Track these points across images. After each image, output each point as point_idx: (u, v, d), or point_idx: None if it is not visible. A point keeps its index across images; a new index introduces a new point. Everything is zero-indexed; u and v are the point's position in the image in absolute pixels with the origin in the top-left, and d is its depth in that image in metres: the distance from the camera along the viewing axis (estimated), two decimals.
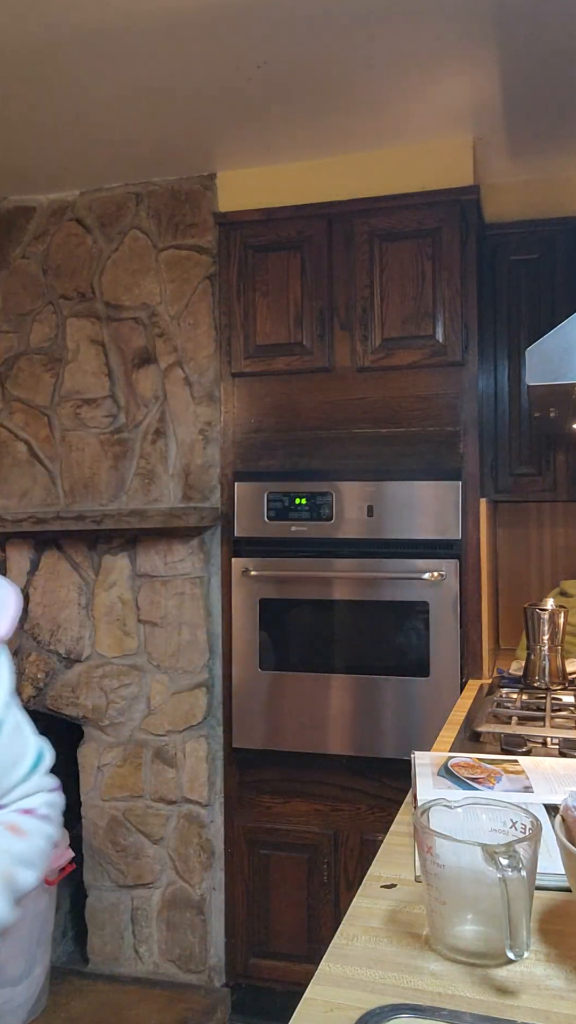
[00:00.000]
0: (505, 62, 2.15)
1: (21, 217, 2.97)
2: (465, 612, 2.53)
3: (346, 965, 0.93)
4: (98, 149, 2.63)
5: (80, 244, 2.90)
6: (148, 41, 2.04)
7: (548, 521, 2.99)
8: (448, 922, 0.93)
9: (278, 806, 2.66)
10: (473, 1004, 0.85)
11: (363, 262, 2.62)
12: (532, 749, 1.68)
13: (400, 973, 0.91)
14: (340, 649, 2.62)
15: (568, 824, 0.94)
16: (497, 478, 2.68)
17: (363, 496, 2.59)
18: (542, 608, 2.17)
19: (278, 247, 2.69)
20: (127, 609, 2.79)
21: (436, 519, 2.54)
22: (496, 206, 2.83)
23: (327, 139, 2.57)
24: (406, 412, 2.60)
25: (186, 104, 2.36)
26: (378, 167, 2.63)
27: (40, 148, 2.62)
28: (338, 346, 2.65)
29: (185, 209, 2.81)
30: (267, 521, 2.67)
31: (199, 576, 2.74)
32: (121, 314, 2.85)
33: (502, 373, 2.69)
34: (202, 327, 2.79)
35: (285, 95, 2.31)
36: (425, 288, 2.57)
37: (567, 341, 1.52)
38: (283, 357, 2.68)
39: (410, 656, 2.54)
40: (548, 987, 0.88)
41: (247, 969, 2.68)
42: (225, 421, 2.76)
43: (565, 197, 2.77)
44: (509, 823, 0.97)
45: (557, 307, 2.61)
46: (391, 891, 1.10)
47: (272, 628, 2.67)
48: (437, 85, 2.27)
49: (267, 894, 2.66)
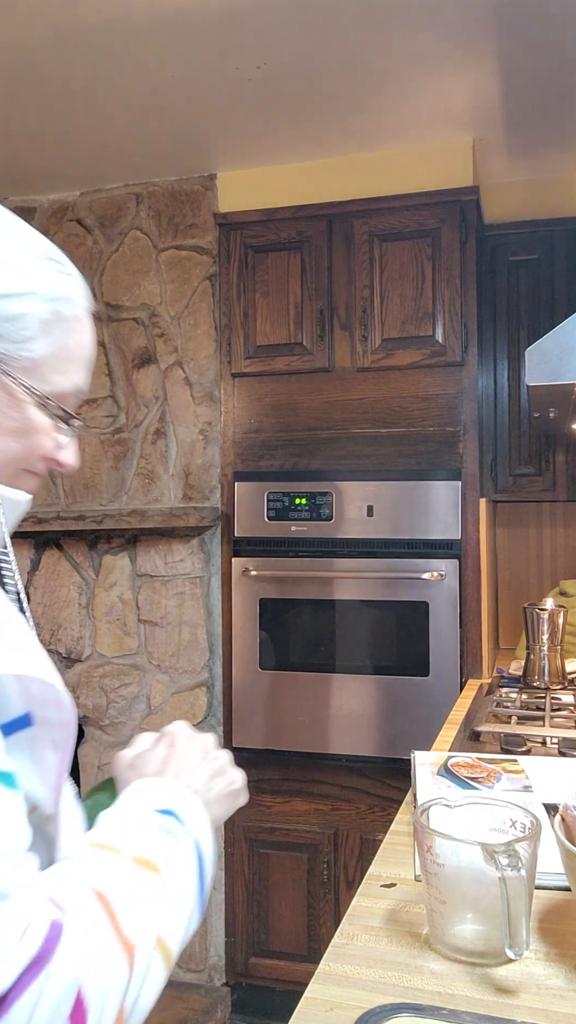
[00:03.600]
0: (505, 62, 2.16)
1: (21, 217, 2.97)
2: (465, 612, 2.53)
3: (346, 964, 0.93)
4: (98, 149, 2.63)
5: (80, 244, 2.90)
6: (148, 41, 2.04)
7: (548, 521, 2.99)
8: (448, 921, 0.93)
9: (278, 805, 2.66)
10: (473, 1003, 0.85)
11: (363, 262, 2.62)
12: (532, 749, 1.69)
13: (400, 972, 0.91)
14: (340, 649, 2.62)
15: (568, 824, 0.95)
16: (497, 478, 2.69)
17: (363, 496, 2.59)
18: (542, 608, 2.17)
19: (278, 247, 2.70)
20: (127, 609, 2.80)
21: (436, 519, 2.54)
22: (496, 206, 2.83)
23: (327, 139, 2.57)
24: (406, 412, 2.60)
25: (186, 104, 2.36)
26: (378, 167, 2.64)
27: (40, 148, 2.62)
28: (338, 346, 2.65)
29: (185, 209, 2.82)
30: (267, 521, 2.67)
31: (199, 576, 2.74)
32: (121, 314, 2.86)
33: (502, 373, 2.69)
34: (202, 327, 2.79)
35: (285, 95, 2.32)
36: (425, 288, 2.57)
37: (567, 341, 1.52)
38: (283, 357, 2.69)
39: (410, 656, 2.55)
40: (548, 986, 0.88)
41: (247, 968, 2.68)
42: (225, 421, 2.77)
43: (565, 197, 2.78)
44: (509, 822, 0.97)
45: (557, 307, 2.62)
46: (391, 890, 1.10)
47: (272, 628, 2.67)
48: (437, 85, 2.27)
49: (267, 894, 2.67)
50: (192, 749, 0.79)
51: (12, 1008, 0.50)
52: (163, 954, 0.61)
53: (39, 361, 0.74)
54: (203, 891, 0.69)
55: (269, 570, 2.66)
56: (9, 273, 0.72)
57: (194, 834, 0.69)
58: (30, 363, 0.73)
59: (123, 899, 0.60)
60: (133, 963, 0.57)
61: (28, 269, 0.73)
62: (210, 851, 0.71)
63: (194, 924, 0.67)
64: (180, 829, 0.69)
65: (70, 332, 0.75)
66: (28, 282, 0.73)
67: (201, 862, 0.68)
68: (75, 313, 0.76)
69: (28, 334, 0.72)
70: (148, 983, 0.59)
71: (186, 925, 0.65)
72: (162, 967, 0.61)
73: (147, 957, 0.59)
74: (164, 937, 0.61)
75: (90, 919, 0.56)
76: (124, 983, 0.56)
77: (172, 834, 0.68)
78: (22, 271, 0.73)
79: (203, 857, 0.69)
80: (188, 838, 0.69)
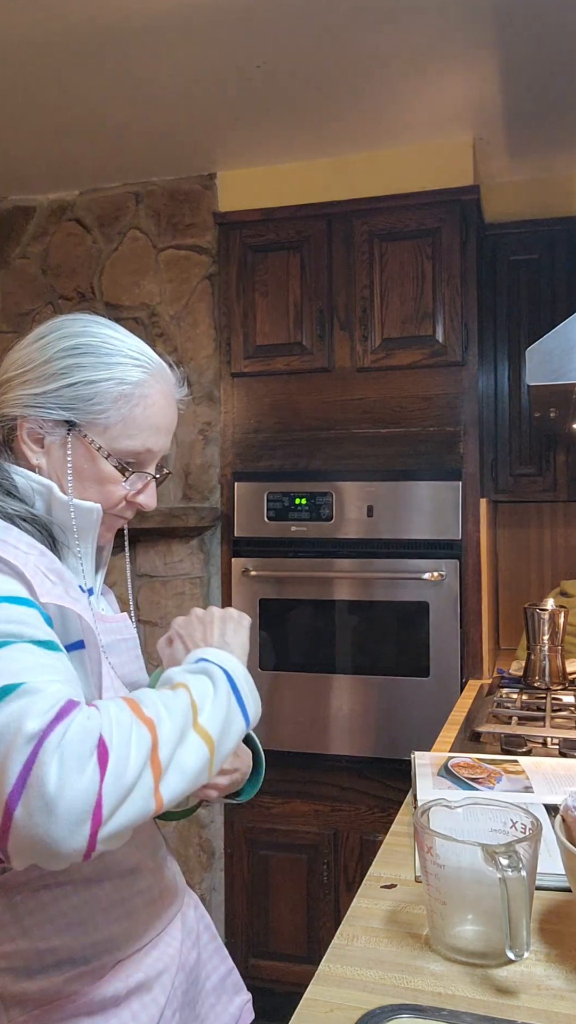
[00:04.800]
0: (505, 62, 2.15)
1: (21, 217, 2.97)
2: (465, 612, 2.53)
3: (346, 965, 0.93)
4: (98, 149, 2.63)
5: (79, 244, 2.90)
6: (148, 41, 2.04)
7: (548, 521, 2.99)
8: (448, 922, 0.93)
9: (278, 806, 2.66)
10: (473, 1004, 0.85)
11: (363, 262, 2.62)
12: (532, 749, 1.68)
13: (400, 973, 0.90)
14: (340, 649, 2.61)
15: (568, 824, 0.94)
16: (497, 478, 2.68)
17: (363, 496, 2.59)
18: (542, 608, 2.17)
19: (278, 247, 2.69)
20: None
21: (436, 519, 2.53)
22: (496, 206, 2.83)
23: (327, 139, 2.57)
24: (406, 412, 2.60)
25: (186, 104, 2.36)
26: (378, 167, 2.63)
27: (40, 148, 2.62)
28: (338, 346, 2.65)
29: (185, 209, 2.81)
30: (267, 521, 2.67)
31: (199, 576, 2.74)
32: (120, 314, 2.85)
33: (502, 373, 2.69)
34: (202, 327, 2.79)
35: (285, 95, 2.31)
36: (425, 288, 2.57)
37: (567, 341, 1.52)
38: (283, 357, 2.68)
39: (410, 656, 2.54)
40: (548, 987, 0.88)
41: (247, 969, 2.67)
42: (225, 421, 2.76)
43: (565, 197, 2.77)
44: (509, 823, 0.97)
45: (557, 307, 2.62)
46: (391, 891, 1.10)
47: (272, 628, 2.67)
48: (437, 85, 2.27)
49: (267, 894, 2.66)
50: (207, 618, 1.02)
51: (46, 740, 0.72)
52: (199, 733, 0.83)
53: (110, 426, 1.01)
54: (240, 697, 0.90)
55: (269, 570, 2.66)
56: (94, 367, 1.01)
57: (221, 663, 0.92)
58: (103, 428, 1.01)
59: (145, 699, 0.82)
60: (157, 730, 0.78)
61: (108, 363, 1.02)
62: (237, 668, 0.92)
63: (238, 720, 0.89)
64: (207, 664, 0.91)
65: (136, 407, 1.03)
66: (106, 373, 1.01)
67: (230, 678, 0.90)
68: (143, 393, 1.03)
69: (101, 408, 1.01)
70: (184, 748, 0.80)
71: (223, 715, 0.86)
72: (198, 741, 0.82)
73: (172, 729, 0.80)
74: (198, 721, 0.83)
75: (115, 706, 0.79)
76: (147, 741, 0.77)
77: (197, 666, 0.91)
78: (102, 364, 1.01)
79: (231, 674, 0.90)
80: (213, 667, 0.91)
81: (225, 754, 0.87)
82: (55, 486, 1.00)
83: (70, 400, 1.00)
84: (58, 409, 1.00)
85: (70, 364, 1.01)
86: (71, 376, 1.00)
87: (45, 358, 1.02)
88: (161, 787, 0.78)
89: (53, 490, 1.00)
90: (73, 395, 1.00)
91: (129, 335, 1.07)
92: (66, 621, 0.91)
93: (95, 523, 1.02)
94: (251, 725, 0.91)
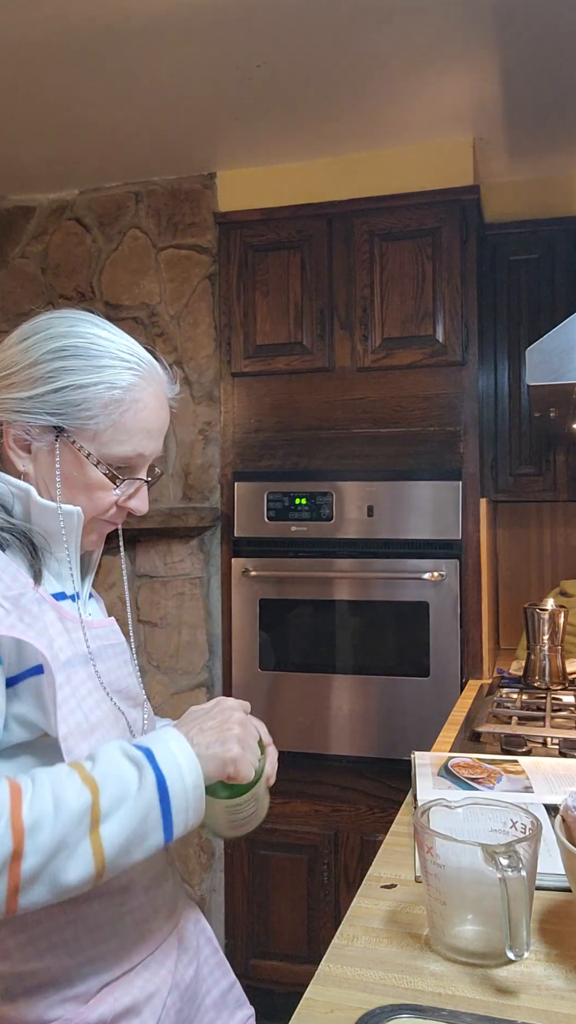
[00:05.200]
0: (505, 62, 2.15)
1: (21, 217, 2.97)
2: (465, 612, 2.52)
3: (346, 965, 0.93)
4: (98, 148, 2.63)
5: (79, 243, 2.90)
6: (148, 41, 2.04)
7: (548, 521, 2.99)
8: (448, 922, 0.92)
9: (278, 807, 2.65)
10: (473, 1004, 0.85)
11: (363, 262, 2.62)
12: (532, 749, 1.68)
13: (400, 973, 0.90)
14: (340, 649, 2.61)
15: (568, 824, 0.94)
16: (497, 478, 2.68)
17: (363, 496, 2.59)
18: (542, 608, 2.17)
19: (278, 247, 2.69)
20: (126, 610, 2.79)
21: (436, 519, 2.53)
22: (496, 206, 2.83)
23: (327, 139, 2.57)
24: (406, 412, 2.59)
25: (186, 104, 2.36)
26: (378, 167, 2.63)
27: (40, 148, 2.61)
28: (338, 346, 2.64)
29: (185, 208, 2.81)
30: (267, 521, 2.67)
31: (199, 576, 2.74)
32: (120, 313, 2.85)
33: (502, 373, 2.69)
34: (202, 327, 2.79)
35: (285, 95, 2.31)
36: (425, 288, 2.57)
37: (567, 341, 1.52)
38: (283, 357, 2.68)
39: (410, 656, 2.54)
40: (548, 987, 0.88)
41: (247, 969, 2.68)
42: (225, 421, 2.76)
43: (565, 197, 2.77)
44: (509, 823, 0.97)
45: (557, 307, 2.61)
46: (391, 891, 1.10)
47: (272, 628, 2.67)
48: (437, 85, 2.27)
49: (267, 895, 2.66)
50: (217, 715, 0.93)
51: None
52: (93, 844, 0.77)
53: (99, 432, 0.97)
54: (168, 808, 0.82)
55: (269, 570, 2.66)
56: (83, 370, 0.96)
57: (161, 765, 0.84)
58: (92, 434, 0.97)
59: (40, 790, 0.77)
60: (25, 840, 0.74)
61: (98, 366, 0.97)
62: (177, 778, 0.84)
63: (155, 836, 0.82)
64: (144, 761, 0.84)
65: (127, 412, 0.98)
66: (95, 377, 0.96)
67: (162, 786, 0.83)
68: (134, 397, 0.98)
69: (90, 414, 0.96)
70: (63, 860, 0.76)
71: (132, 829, 0.80)
72: (86, 854, 0.77)
73: (51, 839, 0.75)
74: (98, 830, 0.78)
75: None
76: (6, 850, 0.73)
77: (136, 754, 0.84)
78: (91, 368, 0.97)
79: (165, 781, 0.83)
80: (148, 768, 0.83)
81: (122, 868, 0.82)
82: (33, 490, 0.96)
83: (58, 405, 0.95)
84: (45, 415, 0.95)
85: (57, 368, 0.96)
86: (59, 380, 0.96)
87: (30, 360, 0.97)
88: (20, 898, 0.75)
89: (31, 494, 0.96)
90: (61, 400, 0.95)
91: (118, 333, 1.02)
92: (21, 648, 0.87)
93: (76, 527, 0.98)
94: (176, 839, 0.84)
